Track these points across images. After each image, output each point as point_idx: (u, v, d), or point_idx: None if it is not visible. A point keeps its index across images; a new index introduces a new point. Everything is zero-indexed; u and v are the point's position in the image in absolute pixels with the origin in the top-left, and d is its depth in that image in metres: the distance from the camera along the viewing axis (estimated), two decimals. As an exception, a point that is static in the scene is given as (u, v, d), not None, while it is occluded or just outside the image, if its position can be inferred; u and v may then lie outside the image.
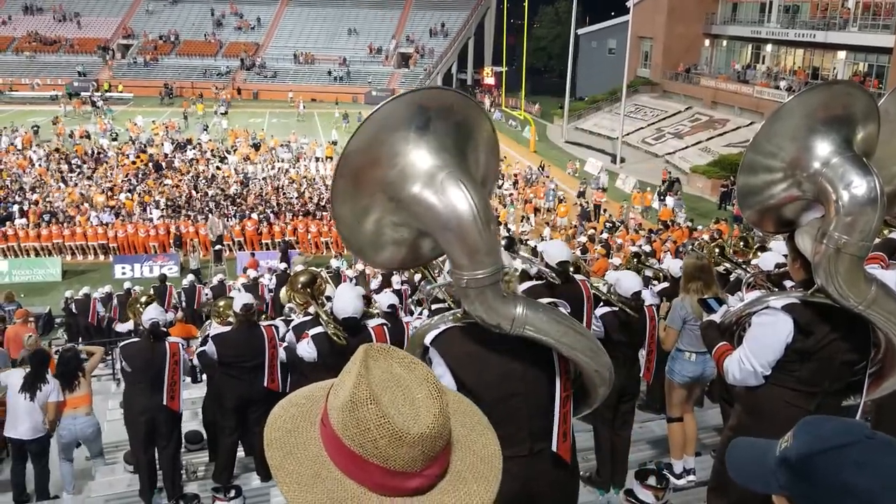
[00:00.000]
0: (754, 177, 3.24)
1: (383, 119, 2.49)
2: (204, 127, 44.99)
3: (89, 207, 28.05)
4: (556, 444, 3.07)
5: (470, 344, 2.97)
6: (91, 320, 18.26)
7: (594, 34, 63.91)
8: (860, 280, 3.05)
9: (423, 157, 2.52)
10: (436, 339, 3.04)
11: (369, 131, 2.48)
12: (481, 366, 2.98)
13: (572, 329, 2.94)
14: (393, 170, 2.52)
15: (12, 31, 63.60)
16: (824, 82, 3.34)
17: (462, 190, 2.51)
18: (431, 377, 1.43)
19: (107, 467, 8.53)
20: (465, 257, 2.59)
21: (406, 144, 2.51)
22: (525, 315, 2.76)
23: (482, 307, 2.72)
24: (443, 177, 2.52)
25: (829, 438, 1.39)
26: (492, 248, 2.61)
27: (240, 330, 7.27)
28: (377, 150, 2.51)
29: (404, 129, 2.50)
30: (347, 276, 18.31)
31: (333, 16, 67.95)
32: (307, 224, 27.14)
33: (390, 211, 2.63)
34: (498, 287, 2.69)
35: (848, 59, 39.09)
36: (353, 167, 2.53)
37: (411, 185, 2.53)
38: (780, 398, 3.44)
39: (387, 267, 2.98)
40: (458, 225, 2.53)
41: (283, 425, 1.48)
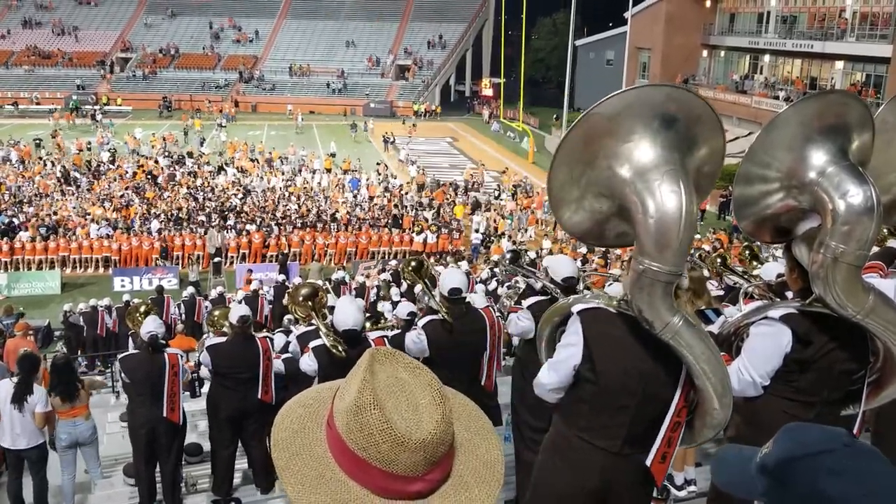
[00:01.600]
0: (750, 187, 3.24)
1: (639, 98, 2.65)
2: (201, 140, 45.04)
3: (88, 220, 28.03)
4: (651, 460, 3.11)
5: (615, 328, 3.06)
6: (100, 332, 18.21)
7: (592, 45, 64.11)
8: (858, 289, 3.05)
9: (657, 147, 2.66)
10: (585, 311, 3.13)
11: (621, 103, 2.63)
12: (615, 352, 3.07)
13: (715, 357, 2.97)
14: (625, 144, 2.66)
15: (11, 45, 63.73)
16: (819, 92, 3.36)
17: (680, 188, 2.64)
18: (435, 382, 1.44)
19: (106, 480, 8.50)
20: (655, 247, 2.69)
21: (646, 130, 2.65)
22: (679, 326, 2.82)
23: (646, 300, 2.79)
24: (666, 170, 2.65)
25: (807, 445, 1.39)
26: (682, 251, 2.70)
27: (235, 341, 7.28)
28: (619, 121, 2.65)
29: (651, 116, 2.65)
30: (349, 289, 18.32)
31: (331, 28, 68.16)
32: (313, 236, 27.12)
33: (605, 181, 2.75)
34: (669, 288, 2.77)
35: (846, 70, 39.21)
36: (592, 127, 2.67)
37: (635, 164, 2.66)
38: (779, 408, 3.44)
39: (571, 230, 3.05)
40: (662, 217, 2.64)
41: (290, 426, 1.50)
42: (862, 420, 3.55)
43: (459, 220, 30.14)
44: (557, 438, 3.35)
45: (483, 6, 69.53)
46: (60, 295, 23.87)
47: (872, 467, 1.34)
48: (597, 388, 3.09)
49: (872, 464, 1.34)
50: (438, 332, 5.87)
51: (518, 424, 5.98)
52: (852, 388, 3.46)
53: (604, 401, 3.11)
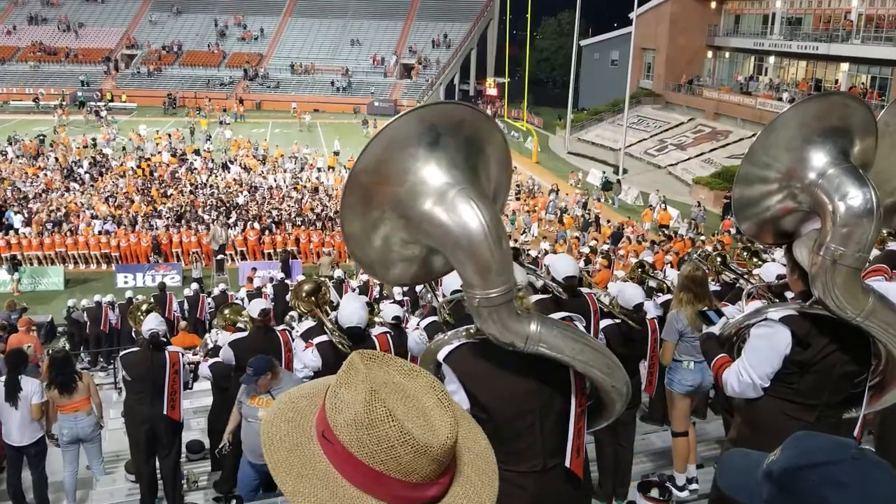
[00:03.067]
0: (750, 188, 3.23)
1: (392, 136, 2.44)
2: (207, 137, 45.13)
3: (91, 217, 28.08)
4: (569, 459, 3.07)
5: (483, 361, 2.93)
6: (103, 328, 18.23)
7: (597, 45, 64.04)
8: (857, 291, 3.04)
9: (434, 174, 2.48)
10: (449, 356, 3.01)
11: (378, 149, 2.43)
12: (495, 383, 2.95)
13: (588, 346, 2.92)
14: (402, 187, 2.48)
15: (17, 42, 63.88)
16: (820, 93, 3.34)
17: (473, 208, 2.46)
18: (437, 384, 1.43)
19: (107, 477, 8.53)
20: (477, 276, 2.55)
21: (415, 162, 2.47)
22: (539, 333, 2.72)
23: (496, 326, 2.67)
24: (453, 194, 2.47)
25: (815, 454, 1.37)
26: (504, 266, 2.56)
27: (255, 335, 7.29)
28: (386, 167, 2.46)
29: (413, 146, 2.46)
30: (350, 286, 18.31)
31: (336, 27, 68.19)
32: (309, 234, 27.16)
33: (400, 228, 2.58)
34: (511, 305, 2.64)
35: (851, 72, 39.15)
36: (362, 185, 2.49)
37: (421, 202, 2.48)
38: (780, 410, 3.43)
39: (398, 283, 2.99)
40: (469, 244, 2.48)
41: (280, 444, 1.45)
42: (863, 423, 3.54)
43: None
44: None
45: (488, 5, 69.49)
46: (64, 291, 23.93)
47: (880, 480, 1.32)
48: (494, 424, 2.95)
49: (880, 476, 1.32)
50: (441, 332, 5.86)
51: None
52: (854, 391, 3.45)
53: (506, 432, 3.00)
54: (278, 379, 6.21)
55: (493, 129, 2.66)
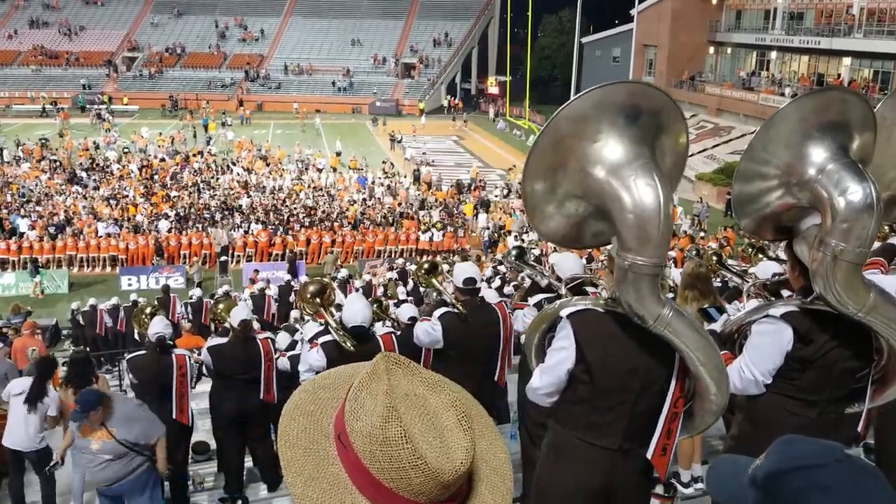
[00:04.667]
0: (749, 184, 3.24)
1: (601, 98, 2.66)
2: (208, 139, 45.14)
3: (94, 219, 28.13)
4: (652, 453, 3.12)
5: (606, 328, 3.06)
6: (99, 331, 18.28)
7: (598, 43, 63.93)
8: (858, 287, 3.04)
9: (625, 143, 2.68)
10: (574, 314, 3.13)
11: (585, 105, 2.65)
12: (609, 352, 3.07)
13: (710, 345, 2.98)
14: (594, 144, 2.68)
15: (18, 45, 63.95)
16: (819, 88, 3.36)
17: (655, 181, 2.66)
18: (459, 403, 1.39)
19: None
20: (637, 241, 2.71)
21: (613, 127, 2.67)
22: (670, 317, 2.84)
23: (635, 294, 2.80)
24: (639, 164, 2.67)
25: (798, 459, 1.36)
26: (662, 243, 2.72)
27: (235, 343, 7.31)
28: (586, 123, 2.67)
29: (616, 113, 2.66)
30: (354, 287, 18.34)
31: (337, 27, 68.16)
32: (321, 234, 27.17)
33: (578, 182, 2.77)
34: (655, 281, 2.78)
35: (853, 66, 39.06)
36: (559, 131, 2.69)
37: (607, 163, 2.69)
38: (782, 406, 3.43)
39: (550, 237, 3.07)
40: (641, 211, 2.66)
41: (296, 441, 1.43)
42: (867, 418, 3.54)
43: (469, 218, 30.14)
44: (557, 440, 3.35)
45: (489, 4, 69.42)
46: (68, 294, 23.98)
47: (864, 485, 1.31)
48: (593, 388, 3.10)
49: (864, 481, 1.31)
50: (454, 323, 5.87)
51: (525, 421, 5.99)
52: (856, 386, 3.45)
53: (601, 400, 3.12)
54: (111, 409, 5.99)
55: (683, 128, 2.88)
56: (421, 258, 24.18)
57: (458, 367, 5.77)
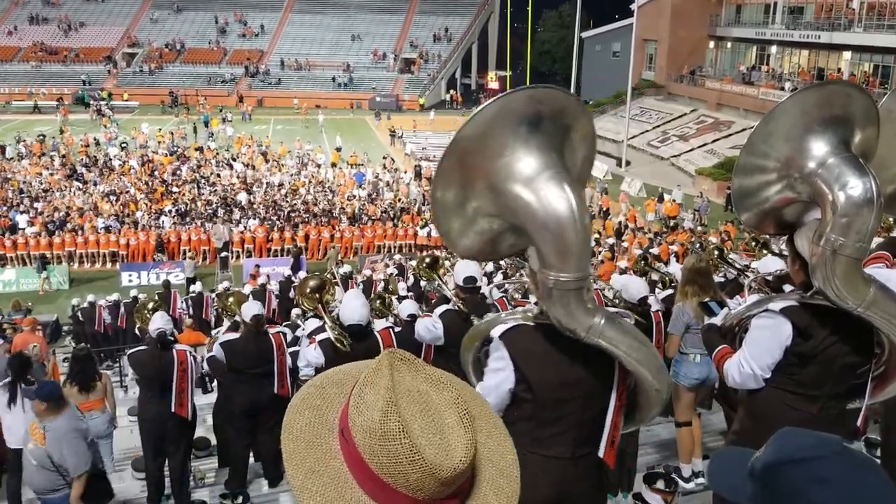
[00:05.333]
0: (749, 178, 3.23)
1: (499, 110, 2.54)
2: (210, 134, 45.12)
3: (95, 215, 28.14)
4: (603, 450, 3.12)
5: (538, 343, 3.01)
6: (98, 328, 18.30)
7: (598, 37, 63.87)
8: (858, 281, 3.03)
9: (532, 153, 2.58)
10: (505, 334, 3.08)
11: (484, 119, 2.54)
12: (546, 366, 3.02)
13: (643, 345, 2.96)
14: (499, 161, 2.58)
15: (18, 42, 63.90)
16: (820, 82, 3.34)
17: (566, 192, 2.57)
18: (461, 401, 1.39)
19: (115, 474, 8.54)
20: (557, 258, 2.64)
21: (517, 139, 2.56)
22: (602, 326, 2.79)
23: (563, 310, 2.75)
24: (548, 176, 2.57)
25: (796, 451, 1.36)
26: (583, 253, 2.65)
27: (248, 337, 7.31)
28: (488, 139, 2.56)
29: (517, 123, 2.56)
30: (356, 283, 18.33)
31: (337, 22, 68.09)
32: (319, 230, 27.17)
33: (488, 201, 2.68)
34: (582, 293, 2.72)
35: (853, 60, 39.02)
36: (462, 151, 2.58)
37: (515, 178, 2.58)
38: (782, 401, 3.43)
39: (465, 255, 3.03)
40: (556, 225, 2.58)
41: (300, 434, 1.43)
42: (866, 413, 3.53)
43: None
44: None
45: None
46: (69, 290, 23.99)
47: (862, 477, 1.31)
48: (536, 404, 3.05)
49: (862, 474, 1.32)
50: (455, 321, 5.88)
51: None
52: (857, 381, 3.44)
53: (546, 413, 3.08)
54: (57, 415, 5.76)
55: (589, 122, 2.77)
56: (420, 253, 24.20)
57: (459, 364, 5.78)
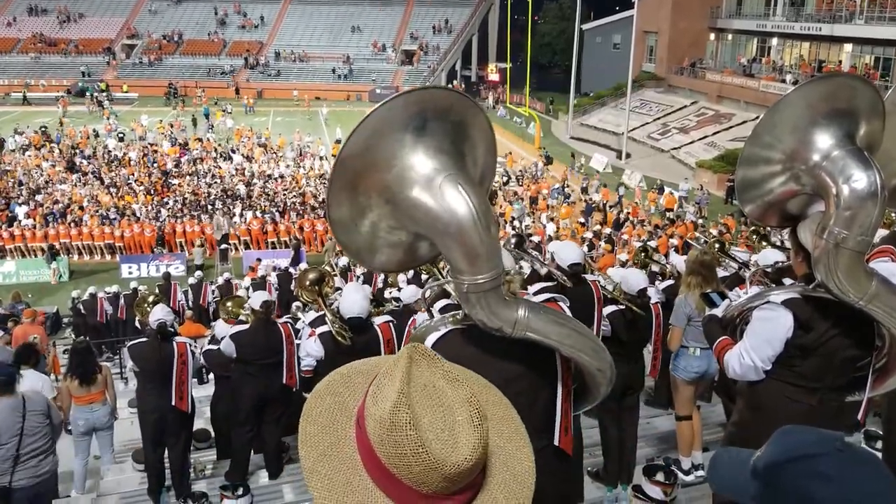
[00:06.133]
0: (753, 169, 3.21)
1: (378, 122, 2.43)
2: (210, 126, 45.06)
3: (95, 207, 28.13)
4: (557, 438, 3.07)
5: (471, 347, 2.92)
6: (100, 319, 18.31)
7: (599, 29, 63.78)
8: (860, 275, 3.02)
9: (421, 160, 2.47)
10: (437, 343, 3.01)
11: (364, 135, 2.43)
12: (483, 368, 2.92)
13: (574, 330, 2.91)
14: (389, 173, 2.47)
15: (17, 33, 63.75)
16: (826, 74, 3.32)
17: (462, 194, 2.46)
18: (475, 399, 1.39)
19: (116, 466, 8.58)
20: (466, 262, 2.55)
21: (402, 148, 2.46)
22: (527, 318, 2.72)
23: (483, 312, 2.68)
24: (441, 180, 2.46)
25: (798, 448, 1.37)
26: (492, 252, 2.56)
27: (257, 328, 7.30)
28: (372, 153, 2.46)
29: (400, 131, 2.45)
30: (355, 274, 18.32)
31: (337, 13, 67.92)
32: (313, 223, 27.17)
33: (387, 214, 2.58)
34: (499, 291, 2.65)
35: (854, 52, 38.93)
36: (348, 171, 2.48)
37: (409, 188, 2.48)
38: (782, 393, 3.43)
39: (384, 270, 2.97)
40: (458, 230, 2.47)
41: (318, 419, 1.45)
42: (867, 407, 3.53)
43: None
44: None
45: (489, -10, 69.28)
46: (69, 282, 24.01)
47: (864, 473, 1.32)
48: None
49: (864, 470, 1.32)
50: None
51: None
52: (857, 374, 3.45)
53: None
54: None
55: (478, 113, 2.65)
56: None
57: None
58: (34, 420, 5.94)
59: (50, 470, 6.11)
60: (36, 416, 5.97)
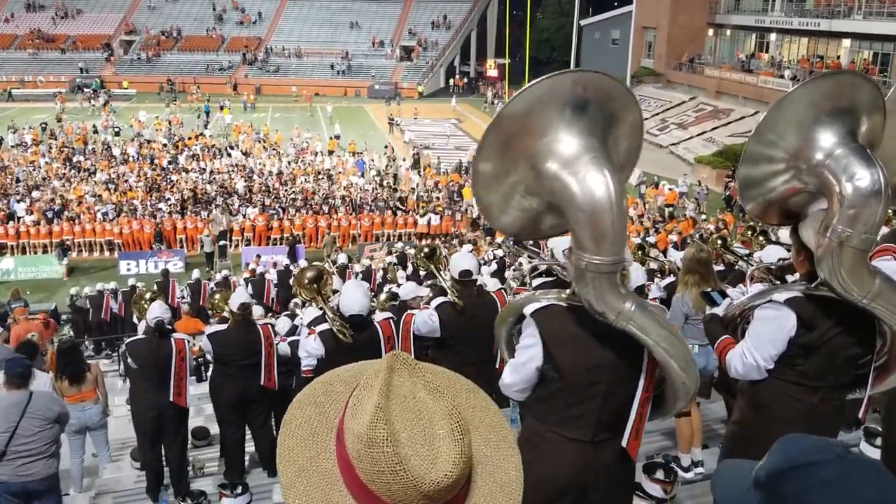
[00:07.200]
0: (755, 167, 3.20)
1: (544, 91, 2.57)
2: (205, 123, 44.97)
3: (94, 203, 28.09)
4: (626, 440, 3.12)
5: (569, 324, 3.03)
6: (104, 316, 18.25)
7: (597, 25, 63.62)
8: (864, 274, 3.01)
9: (574, 136, 2.60)
10: (537, 312, 3.10)
11: (528, 99, 2.57)
12: (575, 347, 3.05)
13: (674, 336, 2.96)
14: (541, 141, 2.61)
15: (15, 29, 63.58)
16: (829, 72, 3.31)
17: (605, 177, 2.58)
18: (455, 412, 1.34)
19: (114, 464, 8.56)
20: (592, 241, 2.65)
21: (560, 121, 2.59)
22: (632, 311, 2.80)
23: (594, 293, 2.77)
24: (588, 159, 2.59)
25: (799, 456, 1.35)
26: (618, 238, 2.66)
27: (235, 328, 7.28)
28: (531, 118, 2.59)
29: (562, 105, 2.59)
30: (354, 272, 18.30)
31: (335, 9, 67.74)
32: (316, 219, 27.14)
33: (529, 179, 2.71)
34: (614, 277, 2.74)
35: (853, 48, 38.88)
36: (504, 129, 2.62)
37: (556, 159, 2.61)
38: (784, 392, 3.42)
39: (504, 231, 3.07)
40: (592, 208, 2.59)
41: (297, 431, 1.41)
42: (867, 404, 3.52)
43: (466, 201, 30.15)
44: (529, 434, 3.33)
45: (488, -14, 69.12)
46: (67, 279, 23.97)
47: (866, 478, 1.31)
48: (562, 384, 3.08)
49: (866, 475, 1.31)
50: (450, 314, 5.91)
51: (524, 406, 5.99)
52: (859, 371, 3.44)
53: (571, 395, 3.10)
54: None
55: (635, 109, 2.77)
56: (420, 241, 24.18)
57: (457, 354, 5.87)
58: (32, 423, 5.90)
59: (39, 473, 5.99)
60: (35, 420, 5.92)
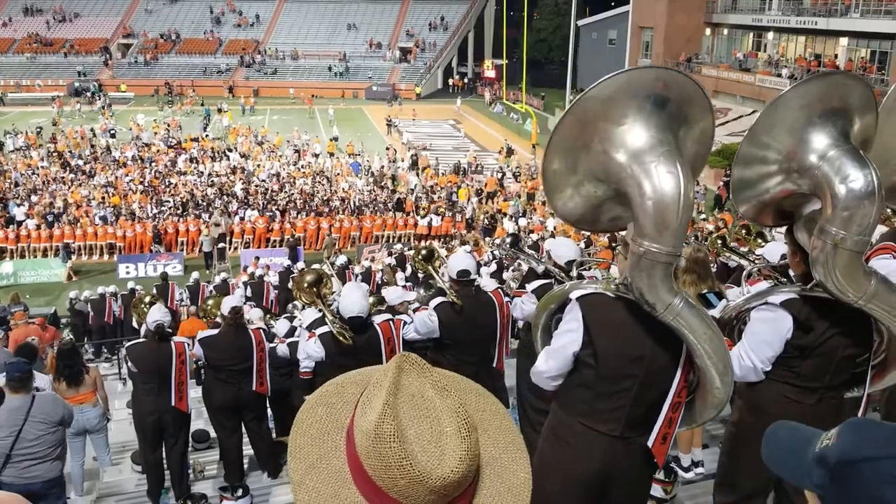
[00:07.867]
0: (749, 169, 3.21)
1: (630, 81, 2.65)
2: (204, 125, 44.95)
3: (92, 207, 28.08)
4: (653, 442, 3.13)
5: (614, 313, 3.06)
6: (107, 320, 18.23)
7: (594, 25, 63.65)
8: (859, 275, 3.02)
9: (651, 128, 2.67)
10: (584, 297, 3.13)
11: (612, 86, 2.64)
12: (616, 337, 3.07)
13: (718, 338, 2.97)
14: (620, 127, 2.67)
15: (13, 33, 63.57)
16: (821, 73, 3.33)
17: (677, 169, 2.65)
18: (463, 410, 1.35)
19: (114, 467, 8.56)
20: (654, 229, 2.70)
21: (638, 112, 2.66)
22: (680, 307, 2.83)
23: (647, 282, 2.80)
24: (662, 151, 2.66)
25: (874, 447, 1.30)
26: (680, 233, 2.71)
27: (227, 333, 7.28)
28: (612, 104, 2.66)
29: (644, 98, 2.66)
30: (353, 273, 18.31)
31: (332, 11, 67.77)
32: (318, 221, 27.13)
33: (600, 165, 2.77)
34: (669, 269, 2.78)
35: (850, 46, 38.88)
36: (586, 110, 2.69)
37: (631, 147, 2.67)
38: (781, 393, 3.43)
39: (566, 217, 3.09)
40: (660, 198, 2.65)
41: (308, 430, 1.43)
42: (867, 403, 3.53)
43: (463, 202, 30.16)
44: (557, 425, 3.34)
45: (485, -14, 69.13)
46: (67, 283, 23.96)
47: None
48: (597, 373, 3.09)
49: None
50: (449, 314, 5.90)
51: (523, 406, 6.01)
52: (857, 370, 3.44)
53: (604, 386, 3.11)
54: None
55: (709, 118, 2.85)
56: (419, 243, 24.18)
57: (456, 354, 5.87)
58: (36, 427, 5.90)
59: (43, 475, 6.01)
60: (39, 423, 5.93)
